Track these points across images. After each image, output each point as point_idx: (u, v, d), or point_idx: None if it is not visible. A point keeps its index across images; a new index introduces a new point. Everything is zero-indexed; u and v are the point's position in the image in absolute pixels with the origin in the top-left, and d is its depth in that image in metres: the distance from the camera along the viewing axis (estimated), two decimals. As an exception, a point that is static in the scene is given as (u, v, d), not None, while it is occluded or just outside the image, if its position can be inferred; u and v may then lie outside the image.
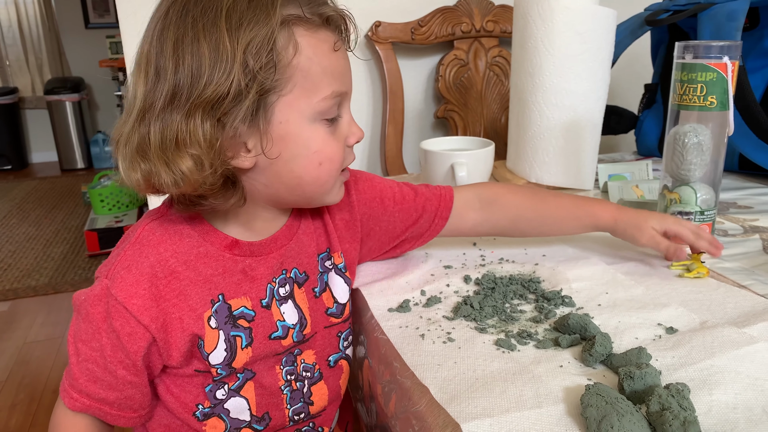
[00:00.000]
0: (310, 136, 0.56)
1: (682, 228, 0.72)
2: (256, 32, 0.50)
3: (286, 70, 0.52)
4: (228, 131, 0.51)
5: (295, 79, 0.53)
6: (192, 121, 0.50)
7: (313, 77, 0.54)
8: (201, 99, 0.50)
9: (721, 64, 0.73)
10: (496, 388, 0.51)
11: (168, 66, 0.50)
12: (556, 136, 1.01)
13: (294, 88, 0.53)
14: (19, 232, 3.27)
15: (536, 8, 0.97)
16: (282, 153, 0.55)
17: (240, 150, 0.54)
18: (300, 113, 0.54)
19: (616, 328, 0.60)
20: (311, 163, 0.56)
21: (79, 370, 0.56)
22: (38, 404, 1.80)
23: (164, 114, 0.51)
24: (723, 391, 0.49)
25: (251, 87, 0.50)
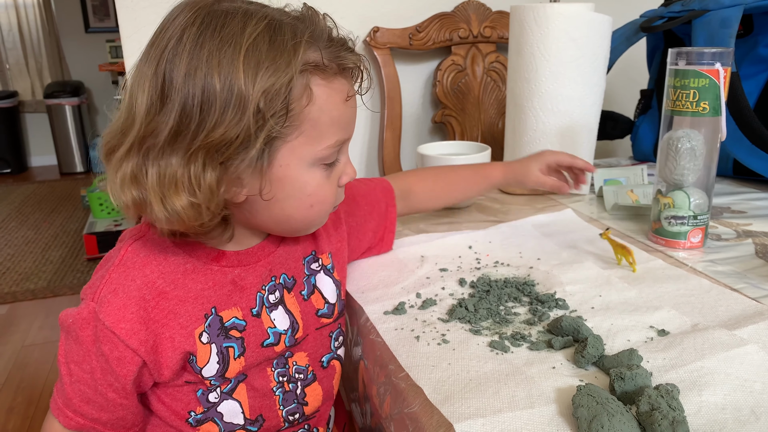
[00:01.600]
0: (307, 181, 0.56)
1: (558, 156, 0.87)
2: (275, 79, 0.49)
3: (296, 119, 0.52)
4: (231, 173, 0.51)
5: (303, 127, 0.53)
6: (194, 165, 0.49)
7: (320, 127, 0.54)
8: (207, 141, 0.48)
9: (713, 70, 0.74)
10: (489, 389, 0.51)
11: (176, 96, 0.49)
12: (551, 141, 1.02)
13: (300, 136, 0.53)
14: (18, 236, 3.28)
15: (532, 15, 0.98)
16: (277, 194, 0.55)
17: (234, 186, 0.53)
18: (301, 159, 0.54)
19: (608, 330, 0.61)
20: (303, 204, 0.57)
21: (72, 390, 0.56)
22: (36, 407, 1.80)
23: (165, 151, 0.49)
24: (712, 392, 0.50)
25: (261, 133, 0.49)
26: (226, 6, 0.51)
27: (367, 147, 1.46)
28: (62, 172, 4.72)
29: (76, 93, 4.58)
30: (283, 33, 0.50)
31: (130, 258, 0.56)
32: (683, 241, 0.80)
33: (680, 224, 0.80)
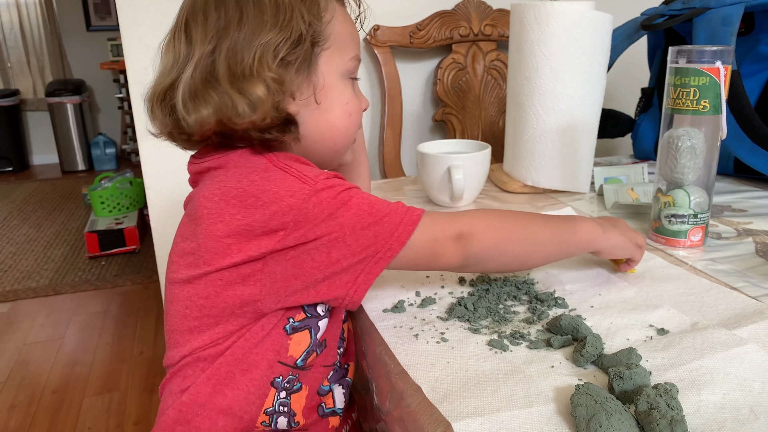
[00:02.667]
0: (344, 89, 0.65)
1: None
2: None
3: (326, 27, 0.61)
4: (289, 70, 0.59)
5: (333, 37, 0.62)
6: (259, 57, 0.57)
7: (343, 38, 0.63)
8: (266, 41, 0.57)
9: (713, 68, 0.74)
10: (488, 388, 0.51)
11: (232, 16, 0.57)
12: (552, 139, 1.02)
13: (332, 45, 0.62)
14: (20, 234, 3.28)
15: (533, 13, 0.98)
16: (322, 102, 0.63)
17: (288, 96, 0.60)
18: (335, 68, 0.63)
19: (607, 329, 0.61)
20: (344, 113, 0.65)
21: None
22: (37, 405, 1.81)
23: (235, 49, 0.57)
24: (711, 391, 0.50)
25: (307, 34, 0.59)
26: None
27: (368, 145, 1.46)
28: (64, 170, 4.73)
29: (78, 91, 4.59)
30: None
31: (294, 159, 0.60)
32: (683, 240, 0.80)
33: (680, 223, 0.80)
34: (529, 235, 0.64)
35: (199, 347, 0.60)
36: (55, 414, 1.77)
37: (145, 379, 1.93)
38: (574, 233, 0.66)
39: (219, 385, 0.60)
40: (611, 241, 0.68)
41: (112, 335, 2.21)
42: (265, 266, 0.56)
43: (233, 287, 0.57)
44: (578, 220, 0.68)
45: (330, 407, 0.67)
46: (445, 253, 0.60)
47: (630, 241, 0.70)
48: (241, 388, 0.60)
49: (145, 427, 1.71)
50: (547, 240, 0.65)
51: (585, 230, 0.67)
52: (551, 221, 0.66)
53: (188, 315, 0.60)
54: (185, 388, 0.60)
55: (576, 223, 0.67)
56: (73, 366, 2.01)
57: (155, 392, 1.86)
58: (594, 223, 0.68)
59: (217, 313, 0.59)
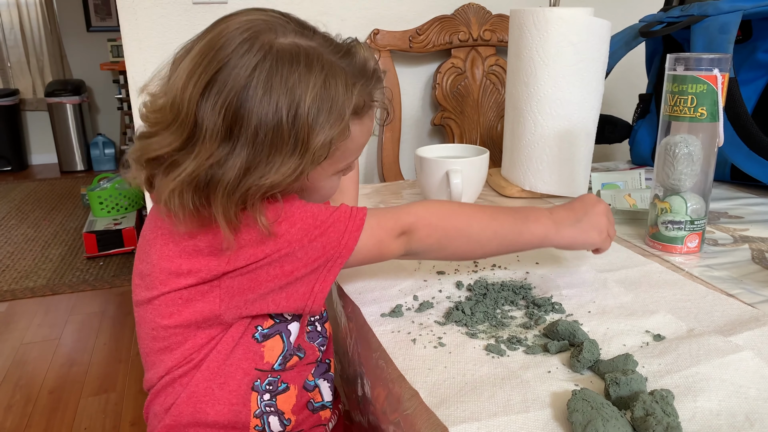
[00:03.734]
0: (325, 186, 0.63)
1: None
2: (333, 131, 0.55)
3: (336, 149, 0.57)
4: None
5: (336, 155, 0.59)
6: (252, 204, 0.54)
7: (348, 153, 0.61)
8: (262, 185, 0.53)
9: (711, 76, 0.75)
10: (485, 393, 0.52)
11: (246, 136, 0.52)
12: (550, 144, 1.02)
13: (330, 160, 0.58)
14: (18, 234, 3.28)
15: (531, 18, 0.98)
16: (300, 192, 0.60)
17: None
18: (324, 173, 0.61)
19: (604, 334, 0.61)
20: (316, 200, 0.62)
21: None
22: (34, 405, 1.80)
23: (231, 188, 0.53)
24: (707, 398, 0.50)
25: (308, 170, 0.56)
26: (286, 45, 0.54)
27: (366, 149, 1.47)
28: (62, 170, 4.72)
29: (77, 92, 4.59)
30: (336, 83, 0.55)
31: None
32: (680, 246, 0.81)
33: (677, 229, 0.80)
34: (471, 235, 0.65)
35: (174, 366, 0.61)
36: (51, 414, 1.77)
37: (141, 380, 1.93)
38: (520, 235, 0.66)
39: (199, 404, 0.61)
40: (565, 239, 0.68)
41: (109, 336, 2.20)
42: (221, 282, 0.57)
43: (193, 304, 0.58)
44: (530, 218, 0.67)
45: (319, 401, 0.68)
46: (390, 250, 0.63)
47: (594, 234, 0.69)
48: (222, 402, 0.61)
49: (141, 428, 1.71)
50: (488, 239, 0.66)
51: (533, 230, 0.67)
52: (499, 219, 0.66)
53: (156, 336, 0.61)
54: (168, 408, 0.61)
55: (526, 223, 0.67)
56: (69, 366, 2.01)
57: (152, 393, 1.86)
58: (548, 220, 0.67)
59: (183, 330, 0.60)
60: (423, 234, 0.63)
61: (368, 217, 0.60)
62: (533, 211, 0.68)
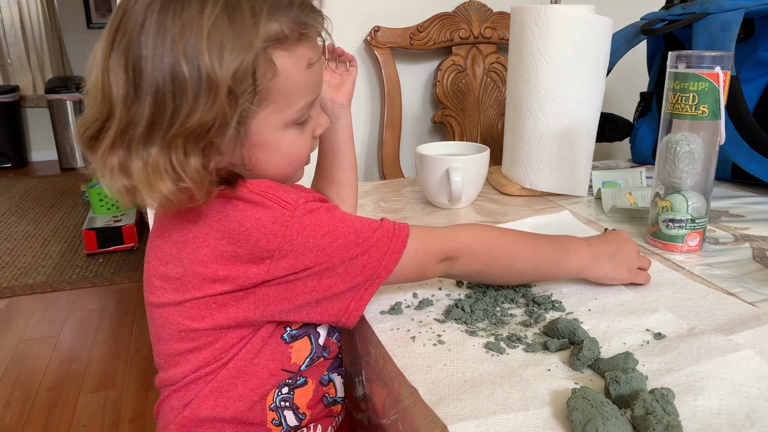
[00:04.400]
0: (282, 142, 0.58)
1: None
2: (240, 60, 0.50)
3: (264, 93, 0.53)
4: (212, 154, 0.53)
5: (272, 97, 0.55)
6: (175, 153, 0.50)
7: (288, 94, 0.56)
8: (184, 128, 0.50)
9: (713, 74, 0.74)
10: (484, 391, 0.51)
11: (147, 86, 0.49)
12: (550, 142, 1.02)
13: (270, 105, 0.55)
14: (18, 230, 3.28)
15: (533, 16, 0.98)
16: (256, 156, 0.57)
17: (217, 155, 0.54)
18: (273, 125, 0.57)
19: (604, 333, 0.61)
20: (281, 163, 0.60)
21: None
22: (33, 402, 1.80)
23: (146, 141, 0.50)
24: (707, 396, 0.50)
25: (234, 113, 0.51)
26: None
27: (367, 146, 1.46)
28: (62, 167, 4.72)
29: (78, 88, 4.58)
30: (241, 11, 0.50)
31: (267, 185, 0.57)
32: (680, 245, 0.80)
33: (678, 227, 0.80)
34: (512, 266, 0.66)
35: (202, 365, 0.59)
36: (50, 411, 1.77)
37: (140, 377, 1.93)
38: (559, 267, 0.67)
39: (221, 398, 0.60)
40: (600, 273, 0.69)
41: (108, 333, 2.20)
42: (257, 290, 0.56)
43: (226, 309, 0.57)
44: (570, 250, 0.68)
45: (333, 396, 0.68)
46: (431, 272, 0.63)
47: (624, 271, 0.69)
48: (243, 399, 0.60)
49: (140, 425, 1.71)
50: (528, 271, 0.67)
51: (572, 263, 0.68)
52: (541, 251, 0.67)
53: (185, 337, 0.59)
54: (187, 403, 0.60)
55: (566, 255, 0.67)
56: (69, 363, 2.01)
57: (151, 390, 1.86)
58: (587, 253, 0.68)
59: (214, 331, 0.58)
60: (466, 262, 0.63)
61: (411, 237, 0.59)
62: (573, 242, 0.68)
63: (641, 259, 0.71)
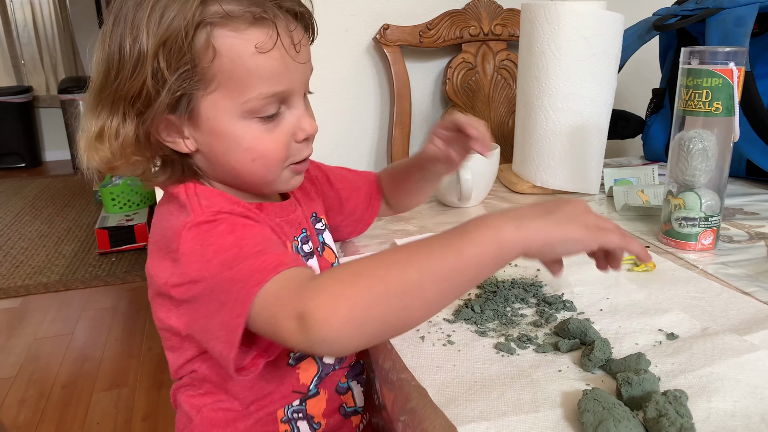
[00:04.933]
0: (240, 134, 0.55)
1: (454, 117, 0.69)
2: (171, 32, 0.50)
3: (206, 72, 0.52)
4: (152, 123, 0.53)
5: (219, 79, 0.52)
6: (115, 116, 0.53)
7: (237, 79, 0.52)
8: (119, 93, 0.52)
9: (726, 69, 0.73)
10: (494, 392, 0.51)
11: (98, 52, 0.53)
12: (561, 140, 1.01)
13: (218, 88, 0.53)
14: (32, 230, 3.31)
15: (543, 12, 0.97)
16: (214, 146, 0.55)
17: (177, 136, 0.55)
18: (226, 111, 0.54)
19: (616, 333, 0.60)
20: (244, 158, 0.56)
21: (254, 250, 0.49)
22: (47, 400, 1.82)
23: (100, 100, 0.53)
24: (722, 398, 0.49)
25: (162, 87, 0.51)
26: None
27: (376, 145, 1.46)
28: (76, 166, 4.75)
29: (90, 88, 4.62)
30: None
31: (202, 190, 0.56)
32: (694, 243, 0.79)
33: (691, 226, 0.79)
34: (389, 292, 0.45)
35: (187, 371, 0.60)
36: (64, 409, 1.78)
37: (153, 375, 1.94)
38: (460, 253, 0.46)
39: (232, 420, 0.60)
40: (534, 236, 0.47)
41: (121, 331, 2.22)
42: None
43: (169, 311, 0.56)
44: (469, 228, 0.47)
45: (351, 406, 0.66)
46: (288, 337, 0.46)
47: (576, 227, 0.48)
48: (253, 418, 0.60)
49: (152, 422, 1.72)
50: (419, 282, 0.45)
51: (478, 239, 0.46)
52: (421, 251, 0.46)
53: (163, 334, 0.59)
54: (199, 408, 0.60)
55: (464, 235, 0.47)
56: (82, 361, 2.02)
57: (163, 388, 1.87)
58: (498, 219, 0.47)
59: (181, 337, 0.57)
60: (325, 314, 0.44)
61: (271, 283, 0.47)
62: (474, 219, 0.48)
63: (599, 218, 0.50)
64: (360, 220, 0.81)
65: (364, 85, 1.41)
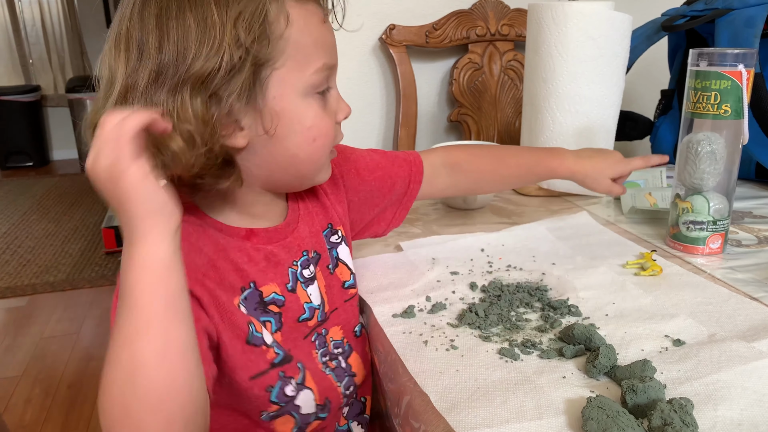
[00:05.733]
0: (304, 112, 0.55)
1: (633, 164, 0.81)
2: (246, 3, 0.49)
3: (278, 43, 0.51)
4: (223, 107, 0.49)
5: (288, 51, 0.52)
6: (180, 97, 0.48)
7: (305, 49, 0.53)
8: (189, 74, 0.48)
9: (735, 72, 0.72)
10: (497, 398, 0.50)
11: (152, 42, 0.48)
12: (568, 142, 1.00)
13: (287, 61, 0.52)
14: (39, 228, 3.32)
15: (550, 13, 0.96)
16: (277, 130, 0.54)
17: (234, 129, 0.52)
18: (293, 87, 0.53)
19: (622, 339, 0.59)
20: (306, 139, 0.55)
21: None
22: (53, 399, 1.82)
23: (149, 92, 0.48)
24: (728, 406, 0.48)
25: (245, 60, 0.49)
26: None
27: (382, 145, 1.45)
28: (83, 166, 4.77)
29: (97, 88, 4.63)
30: None
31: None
32: (702, 247, 0.78)
33: (699, 229, 0.78)
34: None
35: None
36: (70, 408, 1.79)
37: (158, 375, 1.94)
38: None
39: None
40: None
41: (127, 331, 2.22)
42: None
43: None
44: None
45: None
46: None
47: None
48: None
49: (157, 423, 1.72)
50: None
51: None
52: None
53: None
54: None
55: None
56: (88, 361, 2.03)
57: (168, 388, 1.87)
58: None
59: None
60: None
61: None
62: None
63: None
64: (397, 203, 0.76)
65: (369, 85, 1.41)
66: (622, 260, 0.77)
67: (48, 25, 4.86)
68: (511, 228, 0.89)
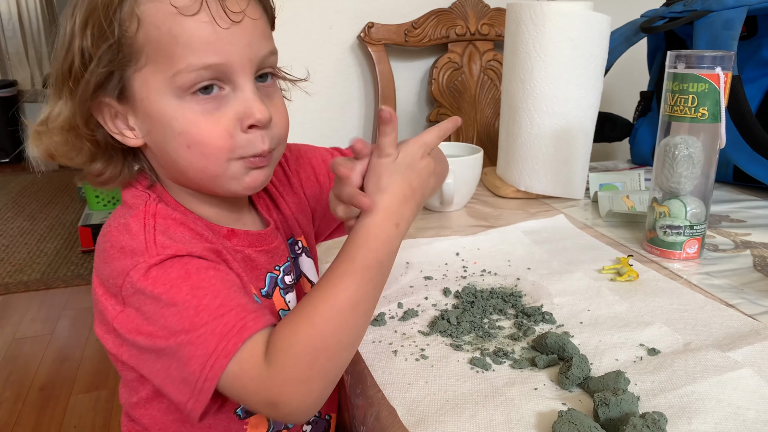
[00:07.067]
0: (174, 116, 0.49)
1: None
2: (96, 5, 0.47)
3: (133, 44, 0.48)
4: (85, 104, 0.50)
5: (147, 51, 0.48)
6: (58, 100, 0.52)
7: (164, 48, 0.48)
8: (57, 76, 0.51)
9: (713, 75, 0.71)
10: (467, 412, 0.49)
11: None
12: (546, 144, 0.99)
13: (147, 62, 0.48)
14: (14, 226, 3.25)
15: (528, 13, 0.95)
16: (152, 133, 0.51)
17: (123, 126, 0.52)
18: (158, 89, 0.49)
19: (596, 348, 0.58)
20: (179, 145, 0.50)
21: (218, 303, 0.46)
22: (24, 402, 1.78)
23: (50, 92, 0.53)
24: (702, 419, 0.47)
25: (89, 63, 0.48)
26: None
27: (361, 145, 1.43)
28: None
29: (76, 83, 4.56)
30: None
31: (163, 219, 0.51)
32: (679, 252, 0.77)
33: (676, 234, 0.77)
34: (348, 343, 0.49)
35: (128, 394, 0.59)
36: (41, 411, 1.74)
37: (133, 377, 1.91)
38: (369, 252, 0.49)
39: None
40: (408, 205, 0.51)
41: (102, 332, 2.18)
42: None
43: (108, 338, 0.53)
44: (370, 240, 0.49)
45: None
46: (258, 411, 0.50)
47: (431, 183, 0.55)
48: None
49: (131, 426, 1.69)
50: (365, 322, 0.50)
51: (377, 233, 0.49)
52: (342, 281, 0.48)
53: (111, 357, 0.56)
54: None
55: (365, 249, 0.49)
56: (61, 362, 1.98)
57: (143, 391, 1.84)
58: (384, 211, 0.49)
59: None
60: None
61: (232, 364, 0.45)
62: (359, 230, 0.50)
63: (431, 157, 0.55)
64: None
65: (347, 84, 1.39)
66: (598, 265, 0.76)
67: (25, 18, 4.77)
68: (488, 231, 0.87)
